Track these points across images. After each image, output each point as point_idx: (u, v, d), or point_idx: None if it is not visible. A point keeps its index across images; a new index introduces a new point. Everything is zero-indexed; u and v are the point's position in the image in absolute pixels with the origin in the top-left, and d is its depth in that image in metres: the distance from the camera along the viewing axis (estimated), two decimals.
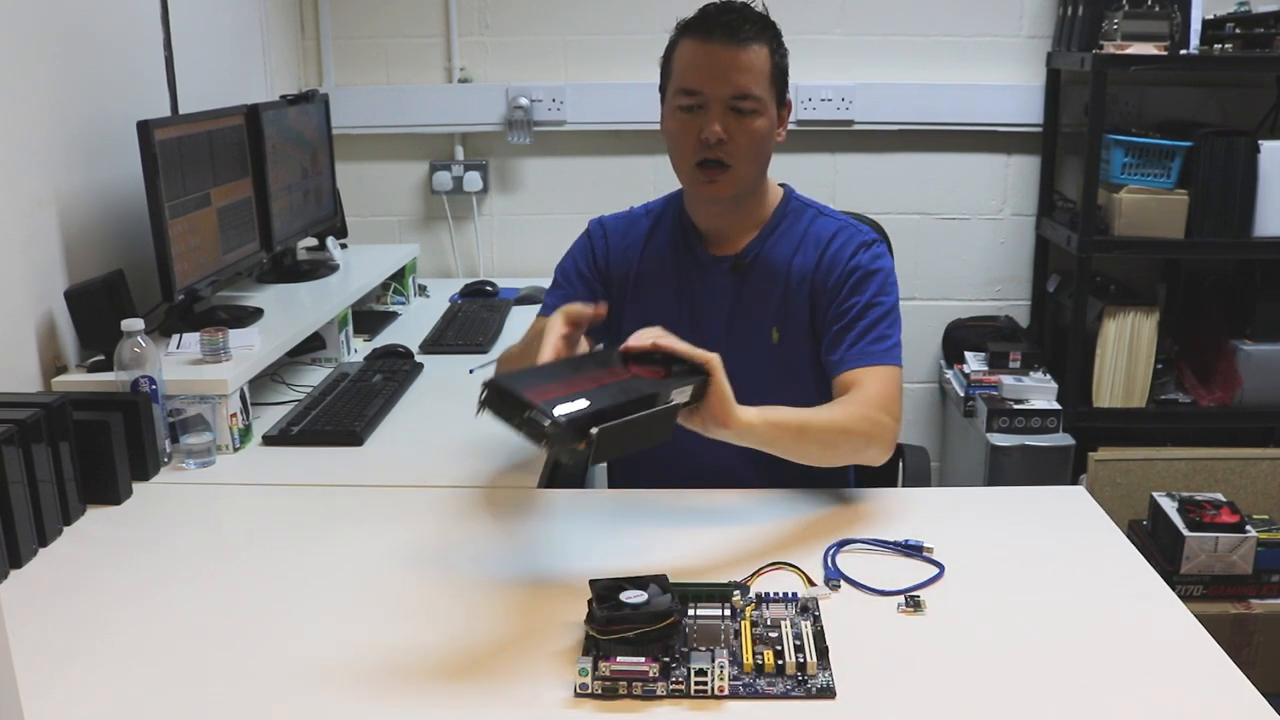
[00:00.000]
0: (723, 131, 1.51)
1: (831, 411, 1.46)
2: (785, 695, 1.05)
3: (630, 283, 1.68)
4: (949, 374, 2.97)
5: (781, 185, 1.69)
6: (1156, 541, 2.49)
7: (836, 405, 1.48)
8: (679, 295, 1.65)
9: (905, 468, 1.83)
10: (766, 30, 1.54)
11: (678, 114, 1.55)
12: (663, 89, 1.60)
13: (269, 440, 1.79)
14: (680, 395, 1.23)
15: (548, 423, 1.09)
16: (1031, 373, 2.78)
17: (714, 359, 1.27)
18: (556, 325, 1.33)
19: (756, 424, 1.32)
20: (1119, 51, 2.56)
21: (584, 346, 1.35)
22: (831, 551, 1.34)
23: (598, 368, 1.24)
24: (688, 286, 1.65)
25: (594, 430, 1.10)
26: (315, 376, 2.12)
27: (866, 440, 1.45)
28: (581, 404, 1.12)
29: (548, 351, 1.29)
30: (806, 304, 1.61)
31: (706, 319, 1.64)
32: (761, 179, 1.63)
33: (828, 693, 1.05)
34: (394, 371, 2.10)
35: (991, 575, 1.31)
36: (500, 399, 1.14)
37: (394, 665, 1.12)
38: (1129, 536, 1.53)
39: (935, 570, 1.30)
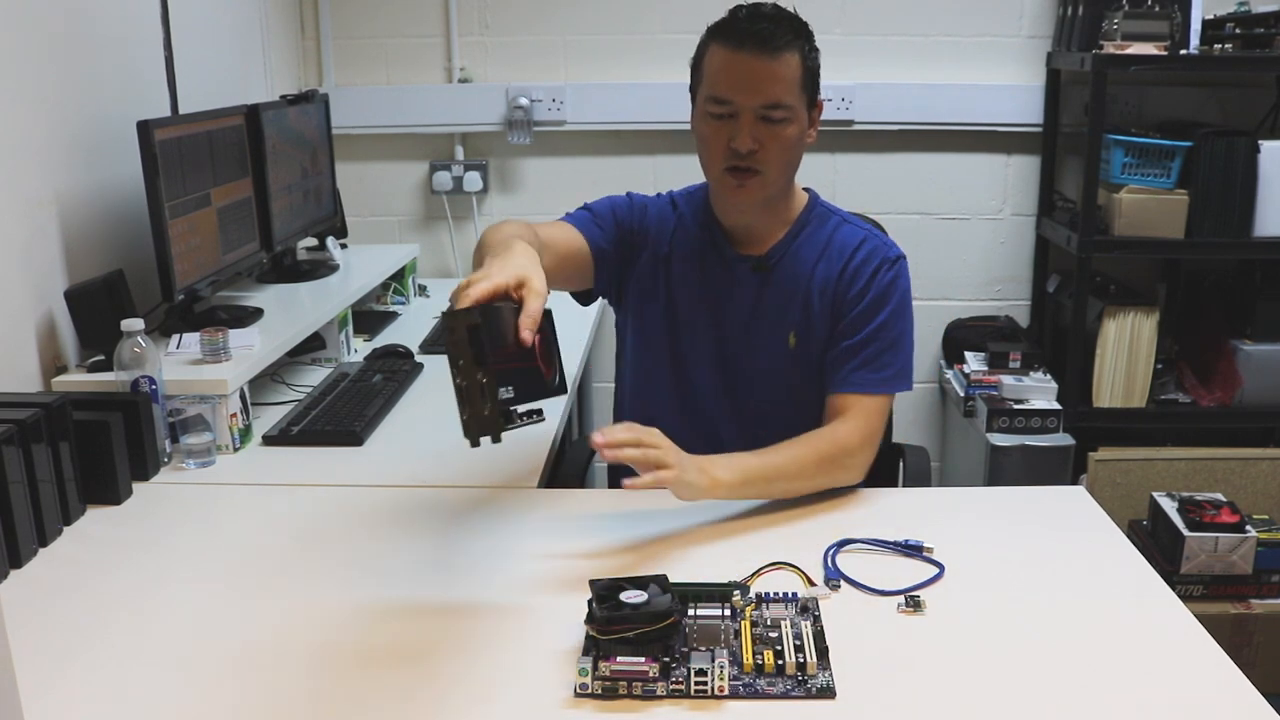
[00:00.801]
0: (753, 142, 1.50)
1: (801, 458, 1.48)
2: (785, 695, 1.05)
3: (661, 263, 1.67)
4: (949, 374, 2.97)
5: (806, 189, 1.69)
6: (1156, 541, 2.49)
7: (808, 448, 1.49)
8: (703, 289, 1.65)
9: (905, 468, 1.83)
10: (799, 36, 1.52)
11: (708, 119, 1.54)
12: (693, 90, 1.59)
13: (269, 440, 1.79)
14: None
15: (519, 411, 1.14)
16: (1031, 373, 2.78)
17: (665, 472, 1.33)
18: (500, 275, 1.17)
19: (720, 491, 1.42)
20: (1119, 51, 2.56)
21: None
22: (831, 551, 1.34)
23: (512, 344, 1.16)
24: (712, 283, 1.65)
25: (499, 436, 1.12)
26: (315, 376, 2.12)
27: (830, 482, 1.51)
28: (511, 393, 1.14)
29: (484, 289, 1.15)
30: (828, 314, 1.61)
31: (727, 317, 1.64)
32: (790, 183, 1.62)
33: (828, 693, 1.05)
34: (394, 371, 2.10)
35: (991, 575, 1.31)
36: (470, 341, 1.09)
37: (394, 664, 1.12)
38: (1129, 536, 1.53)
39: (935, 570, 1.30)
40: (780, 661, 1.08)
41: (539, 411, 1.19)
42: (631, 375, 1.74)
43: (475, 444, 1.12)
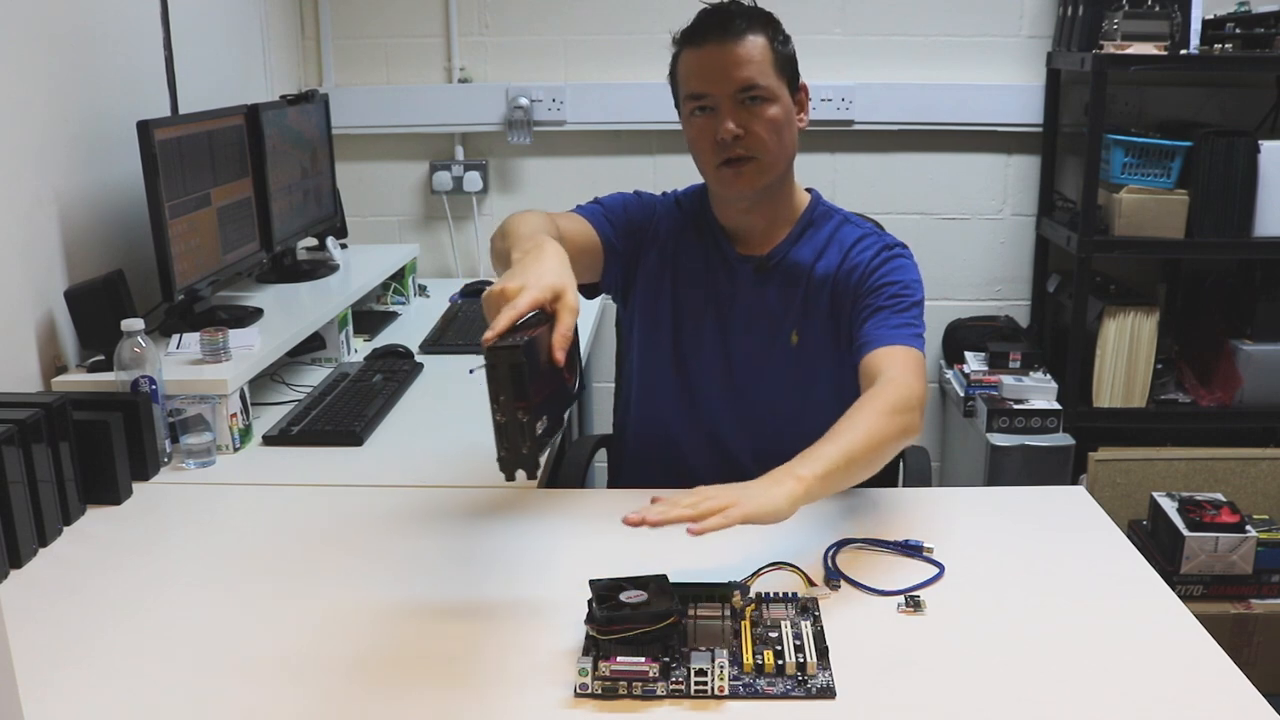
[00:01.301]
0: (737, 127, 1.50)
1: (869, 420, 1.33)
2: (785, 695, 1.05)
3: (667, 262, 1.67)
4: (949, 374, 2.97)
5: (809, 190, 1.69)
6: (1156, 541, 2.49)
7: (870, 408, 1.36)
8: (707, 290, 1.65)
9: (905, 468, 1.83)
10: (759, 20, 1.53)
11: (693, 121, 1.55)
12: (676, 103, 1.60)
13: (269, 440, 1.79)
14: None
15: (547, 443, 1.12)
16: (1031, 373, 2.78)
17: (734, 510, 1.15)
18: (538, 290, 1.17)
19: (809, 489, 1.23)
20: (1119, 51, 2.56)
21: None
22: (831, 551, 1.34)
23: (545, 365, 1.15)
24: (715, 284, 1.65)
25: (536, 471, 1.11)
26: (315, 376, 2.12)
27: (903, 438, 1.37)
28: (545, 423, 1.12)
29: (524, 305, 1.15)
30: (828, 306, 1.61)
31: (730, 318, 1.65)
32: (789, 170, 1.62)
33: (828, 693, 1.05)
34: (394, 371, 2.10)
35: (991, 575, 1.31)
36: (513, 379, 1.06)
37: (394, 664, 1.12)
38: (1129, 536, 1.53)
39: (935, 570, 1.30)
40: (780, 661, 1.08)
41: (559, 421, 1.19)
42: (638, 375, 1.74)
43: (511, 478, 1.11)
